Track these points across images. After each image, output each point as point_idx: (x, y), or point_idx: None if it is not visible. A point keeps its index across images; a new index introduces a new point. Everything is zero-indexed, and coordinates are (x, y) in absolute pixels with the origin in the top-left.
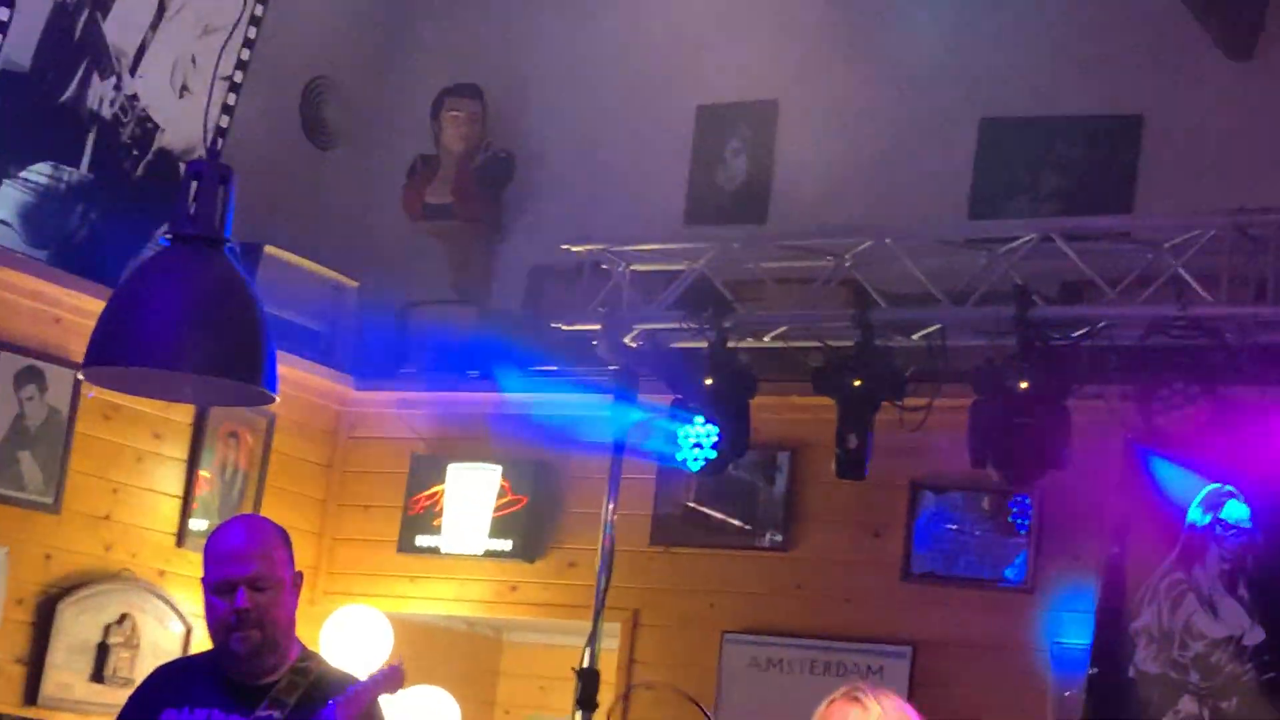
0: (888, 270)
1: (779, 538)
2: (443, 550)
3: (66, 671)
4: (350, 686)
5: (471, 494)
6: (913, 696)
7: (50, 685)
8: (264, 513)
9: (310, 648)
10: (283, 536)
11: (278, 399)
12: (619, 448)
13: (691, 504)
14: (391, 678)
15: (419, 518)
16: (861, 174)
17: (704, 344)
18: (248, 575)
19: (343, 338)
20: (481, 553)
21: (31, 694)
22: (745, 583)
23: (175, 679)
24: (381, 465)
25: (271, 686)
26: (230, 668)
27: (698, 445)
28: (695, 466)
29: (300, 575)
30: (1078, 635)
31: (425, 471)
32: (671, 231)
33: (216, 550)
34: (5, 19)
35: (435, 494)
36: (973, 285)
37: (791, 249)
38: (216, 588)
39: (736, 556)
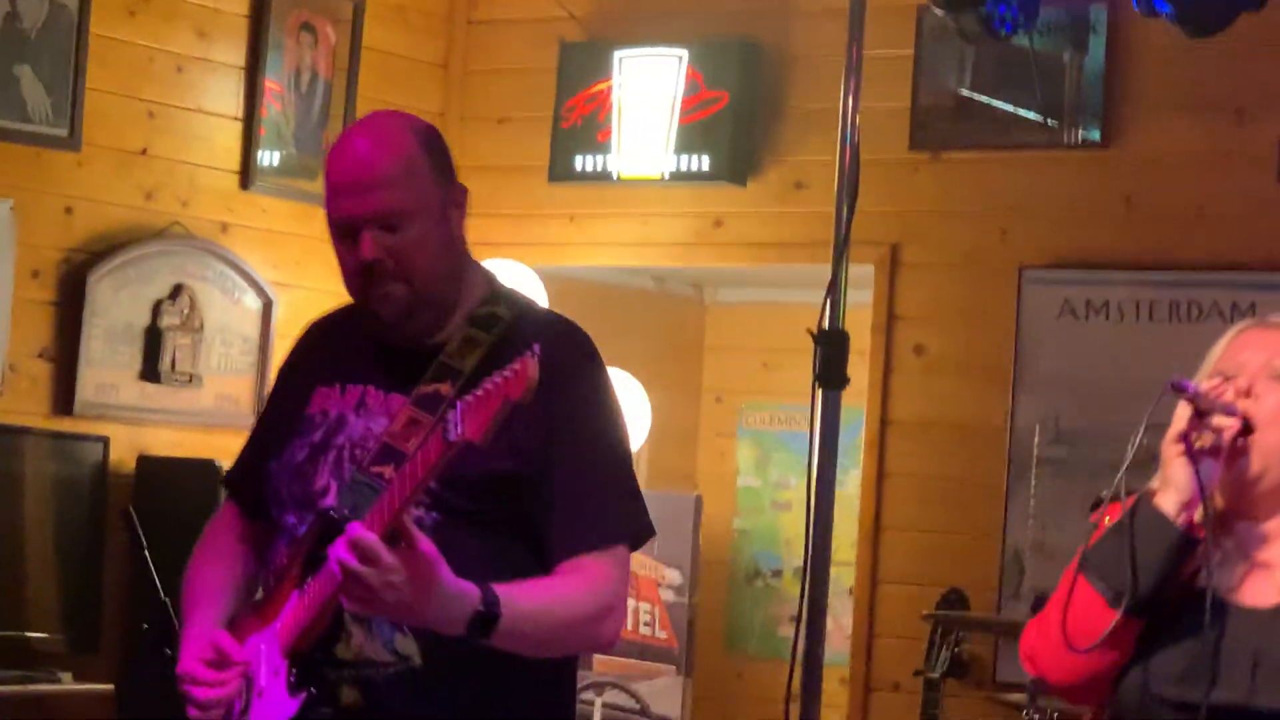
0: None
1: (1095, 132)
2: (615, 174)
3: (108, 368)
4: (486, 380)
5: (649, 93)
6: None
7: (88, 388)
8: None
9: (499, 280)
10: (426, 139)
11: None
12: (859, 9)
13: (966, 91)
14: (516, 378)
15: (576, 131)
16: None
17: None
18: (371, 211)
19: None
20: (668, 175)
21: (64, 400)
22: (1049, 197)
23: (327, 343)
24: (519, 59)
25: (441, 348)
26: (379, 332)
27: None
28: (1002, 30)
29: (463, 190)
30: None
31: (581, 64)
32: None
33: (330, 176)
34: None
35: (598, 95)
36: None
37: None
38: (337, 229)
39: (1036, 160)
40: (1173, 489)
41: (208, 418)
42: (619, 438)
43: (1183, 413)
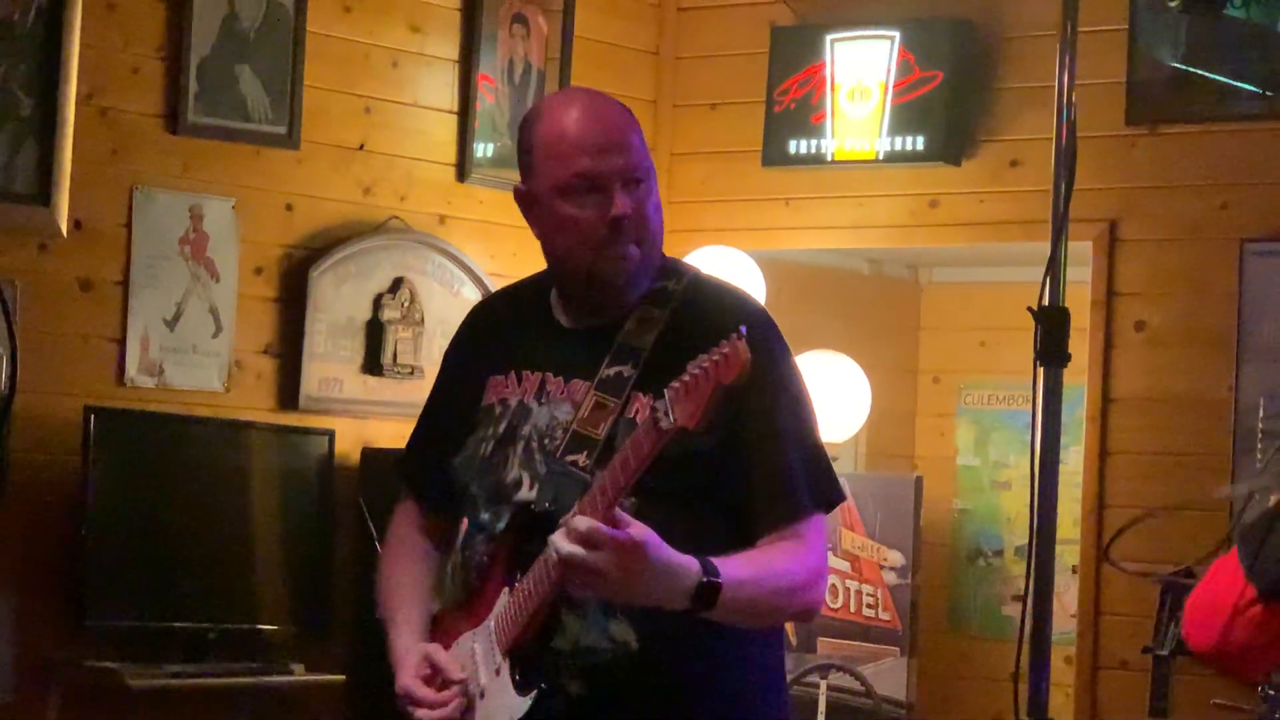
0: None
1: None
2: (829, 157)
3: (330, 362)
4: (691, 365)
5: (862, 74)
6: None
7: (312, 382)
8: None
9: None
10: (634, 116)
11: None
12: None
13: (1181, 63)
14: (727, 363)
15: (789, 115)
16: None
17: None
18: (624, 167)
19: None
20: (883, 157)
21: (289, 395)
22: (1270, 168)
23: (494, 331)
24: (730, 44)
25: (616, 329)
26: (580, 304)
27: None
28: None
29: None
30: None
31: (793, 48)
32: None
33: (574, 133)
34: None
35: (811, 78)
36: None
37: None
38: (576, 184)
39: (1254, 131)
40: None
41: None
42: (807, 407)
43: None
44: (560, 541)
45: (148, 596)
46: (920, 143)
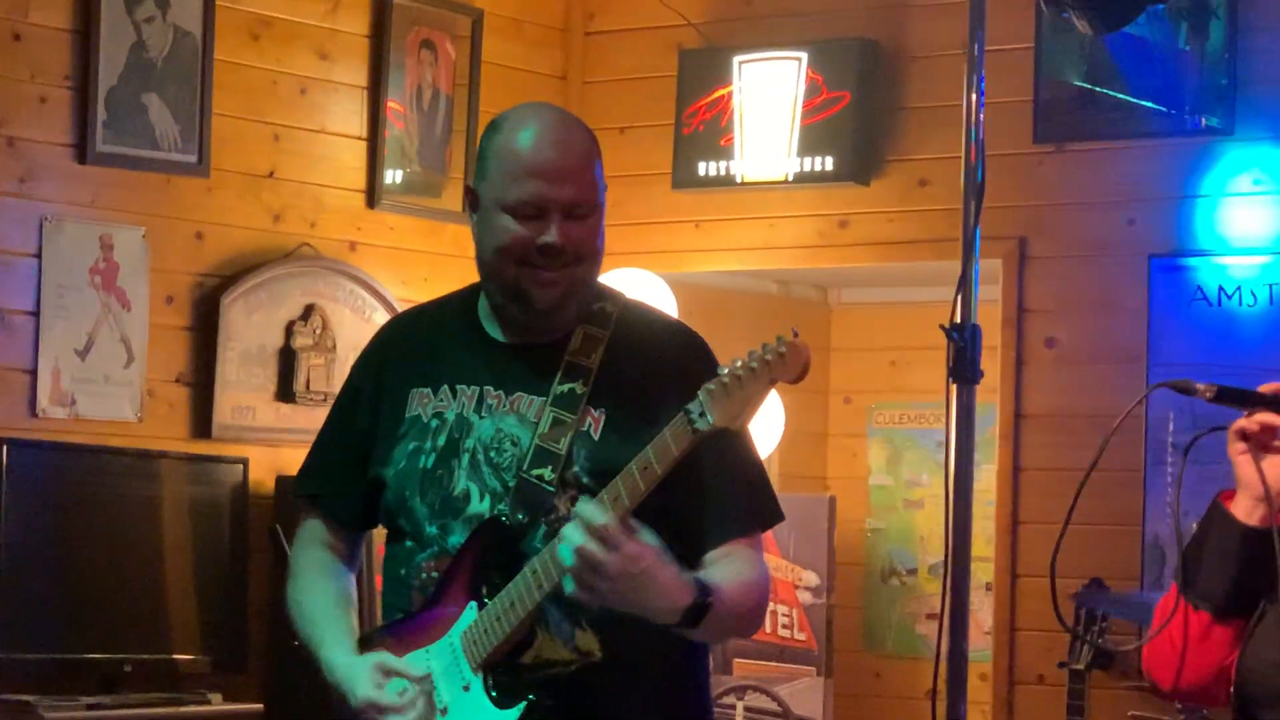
0: None
1: (1214, 118)
2: (738, 179)
3: (243, 390)
4: (725, 367)
5: (770, 96)
6: None
7: (225, 410)
8: None
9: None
10: (593, 136)
11: None
12: (979, 2)
13: (1086, 82)
14: (792, 358)
15: (699, 137)
16: None
17: None
18: (569, 198)
19: None
20: (792, 178)
21: (202, 424)
22: (1175, 184)
23: (420, 341)
24: (638, 68)
25: (560, 347)
26: (513, 321)
27: None
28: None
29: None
30: None
31: (701, 71)
32: None
33: (527, 157)
34: None
35: (719, 100)
36: None
37: None
38: (520, 208)
39: (1159, 149)
40: (1243, 488)
41: None
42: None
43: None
44: (575, 536)
45: (62, 628)
46: (829, 163)
